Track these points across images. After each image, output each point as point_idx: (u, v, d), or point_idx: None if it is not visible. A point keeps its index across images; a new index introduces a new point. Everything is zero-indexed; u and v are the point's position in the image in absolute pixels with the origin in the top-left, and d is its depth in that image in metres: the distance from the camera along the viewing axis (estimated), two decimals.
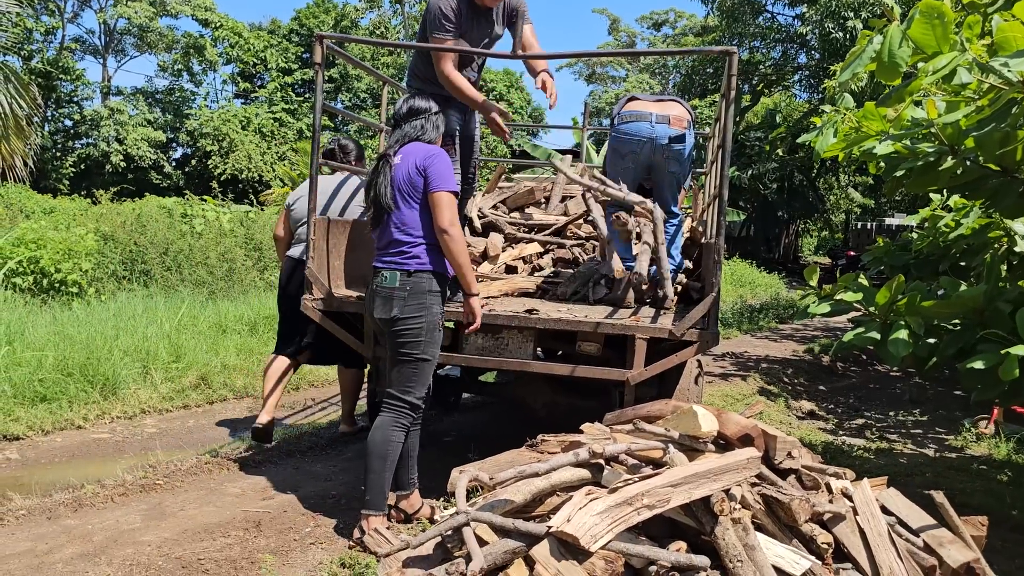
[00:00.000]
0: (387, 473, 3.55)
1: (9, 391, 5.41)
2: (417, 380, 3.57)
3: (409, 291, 3.49)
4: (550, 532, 2.29)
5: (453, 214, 3.48)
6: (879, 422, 7.38)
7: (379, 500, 3.54)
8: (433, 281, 3.53)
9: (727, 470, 2.38)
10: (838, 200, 36.04)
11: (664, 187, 4.72)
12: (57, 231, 9.92)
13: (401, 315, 3.49)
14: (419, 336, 3.50)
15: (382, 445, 3.53)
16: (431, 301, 3.52)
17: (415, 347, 3.52)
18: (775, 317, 14.38)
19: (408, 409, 3.58)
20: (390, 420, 3.56)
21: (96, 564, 3.25)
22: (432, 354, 3.58)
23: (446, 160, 3.57)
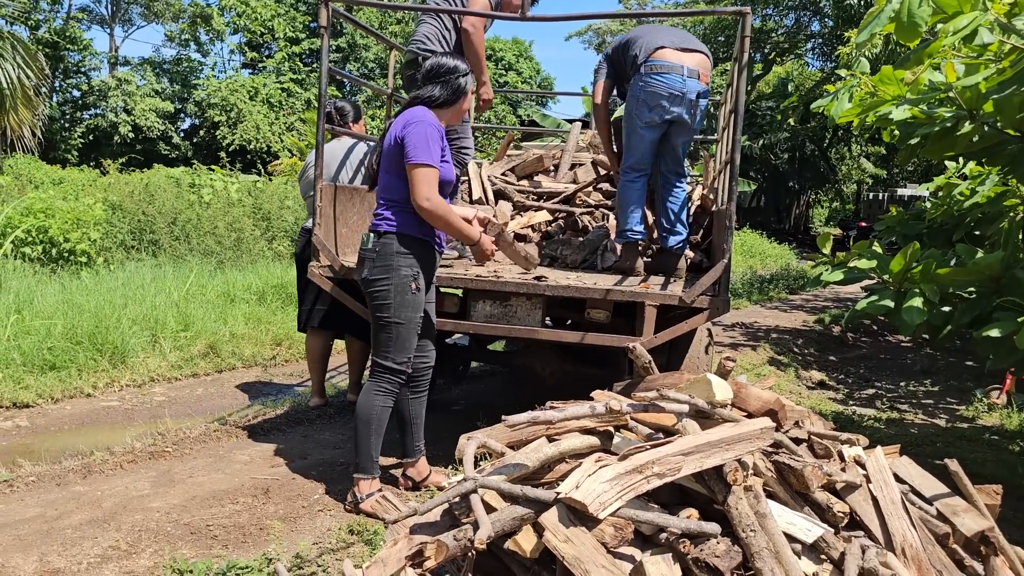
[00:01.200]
0: (372, 437, 3.53)
1: (18, 359, 5.42)
2: (392, 344, 3.50)
3: (378, 252, 3.45)
4: (558, 499, 2.26)
5: (430, 187, 3.35)
6: (890, 392, 7.35)
7: (368, 464, 3.54)
8: (402, 242, 3.44)
9: (740, 439, 2.34)
10: (850, 171, 35.72)
11: (680, 145, 4.59)
12: (65, 201, 9.90)
13: (370, 276, 3.46)
14: (387, 298, 3.44)
15: (366, 409, 3.52)
16: (399, 263, 3.43)
17: (385, 310, 3.46)
18: (785, 287, 14.31)
19: (387, 373, 3.52)
20: (371, 385, 3.54)
21: (105, 530, 3.26)
22: (406, 317, 3.48)
23: (425, 128, 3.38)
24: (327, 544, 3.22)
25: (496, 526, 2.29)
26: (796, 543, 2.36)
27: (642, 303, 3.87)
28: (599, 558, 2.16)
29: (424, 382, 3.76)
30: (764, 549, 2.15)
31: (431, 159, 3.34)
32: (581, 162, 6.23)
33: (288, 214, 12.08)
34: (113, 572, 2.92)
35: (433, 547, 2.27)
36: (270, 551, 3.02)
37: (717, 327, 8.43)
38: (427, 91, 3.54)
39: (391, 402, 3.56)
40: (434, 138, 3.37)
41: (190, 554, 3.09)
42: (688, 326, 3.86)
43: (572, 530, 2.21)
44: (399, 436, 3.80)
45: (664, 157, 4.58)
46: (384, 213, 3.47)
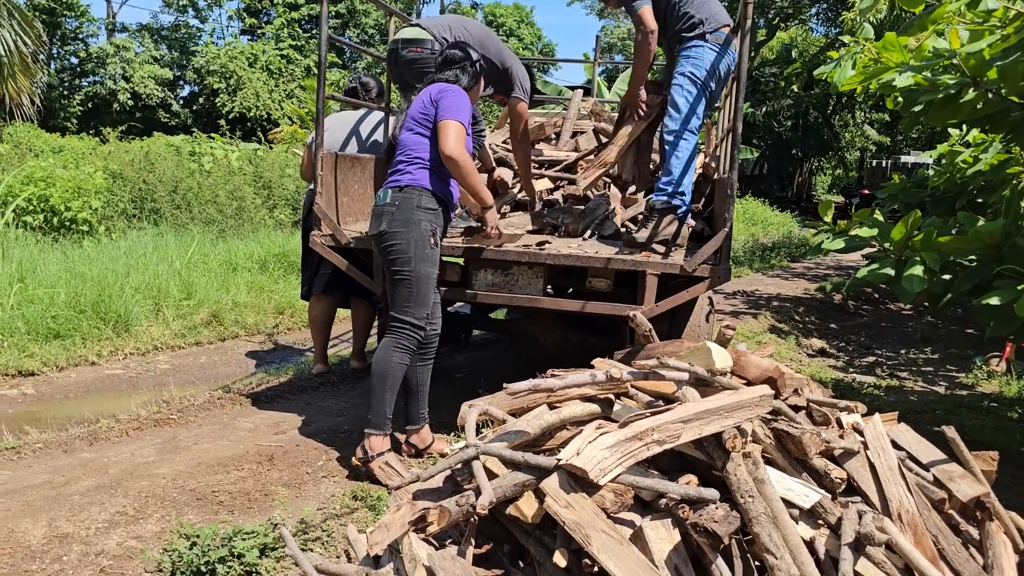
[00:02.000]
0: (387, 393, 3.56)
1: (23, 328, 5.45)
2: (413, 299, 3.54)
3: (398, 206, 3.48)
4: (559, 465, 2.29)
5: (458, 141, 3.43)
6: (890, 360, 7.38)
7: (380, 420, 3.57)
8: (423, 197, 3.50)
9: (739, 407, 2.36)
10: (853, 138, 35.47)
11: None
12: (66, 169, 9.88)
13: (388, 229, 3.48)
14: (406, 252, 3.47)
15: (383, 365, 3.54)
16: (419, 217, 3.48)
17: (405, 263, 3.49)
18: (787, 256, 14.30)
19: (408, 329, 3.55)
20: (391, 341, 3.56)
21: (112, 495, 3.30)
22: (425, 272, 3.53)
23: (462, 96, 3.56)
24: (331, 510, 3.26)
25: (498, 492, 2.32)
26: (794, 508, 2.39)
27: (643, 272, 3.88)
28: (599, 523, 2.19)
29: (432, 348, 3.79)
30: (762, 514, 2.18)
31: (464, 119, 3.48)
32: (583, 130, 6.20)
33: (289, 182, 12.05)
34: (121, 537, 2.96)
35: (436, 512, 2.30)
36: (275, 516, 3.06)
37: (718, 295, 8.44)
38: (450, 75, 3.65)
39: (408, 359, 3.59)
40: (468, 107, 3.53)
41: (196, 519, 3.13)
42: (689, 295, 3.87)
43: (573, 496, 2.24)
44: (403, 403, 3.83)
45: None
46: (406, 168, 3.52)
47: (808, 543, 2.35)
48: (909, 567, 2.30)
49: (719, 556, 2.19)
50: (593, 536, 2.15)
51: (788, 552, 2.16)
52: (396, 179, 3.54)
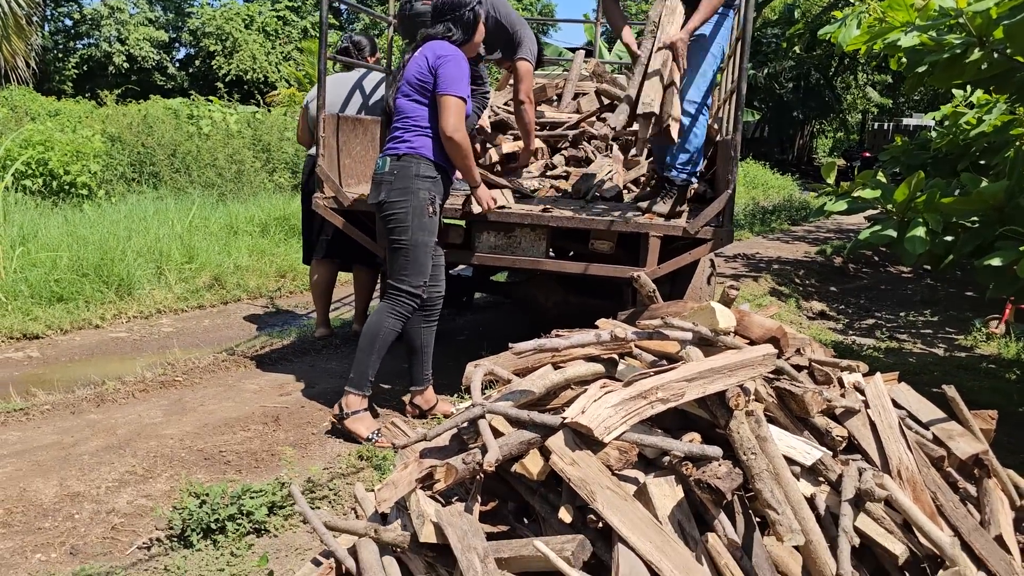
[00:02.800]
0: (373, 356, 3.59)
1: (26, 291, 5.46)
2: (411, 267, 3.55)
3: (396, 175, 3.48)
4: (565, 423, 2.31)
5: (459, 119, 3.43)
6: (889, 322, 7.41)
7: (361, 380, 3.60)
8: (421, 165, 3.49)
9: (743, 365, 2.38)
10: (855, 100, 35.21)
11: None
12: (63, 133, 9.82)
13: (388, 199, 3.49)
14: (405, 221, 3.48)
15: (374, 328, 3.57)
16: (418, 185, 3.48)
17: (403, 232, 3.50)
18: (788, 219, 14.29)
19: (404, 296, 3.57)
20: (386, 306, 3.59)
21: (121, 455, 3.34)
22: (423, 240, 3.53)
23: (460, 63, 3.49)
24: (337, 469, 3.30)
25: (504, 450, 2.35)
26: (795, 465, 2.43)
27: (646, 234, 3.88)
28: (604, 480, 2.22)
29: (436, 311, 3.81)
30: (764, 471, 2.21)
31: (464, 92, 3.44)
32: (584, 91, 6.16)
33: (288, 146, 11.98)
34: (131, 496, 3.01)
35: (443, 470, 2.33)
36: (282, 475, 3.10)
37: (719, 258, 8.45)
38: (441, 30, 3.56)
39: (400, 326, 3.61)
40: (467, 74, 3.48)
41: (205, 478, 3.18)
42: (691, 257, 3.89)
43: (578, 453, 2.27)
44: (408, 365, 3.86)
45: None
46: (404, 136, 3.50)
47: (809, 499, 2.39)
48: (908, 522, 2.34)
49: (722, 511, 2.23)
50: (598, 493, 2.18)
51: (789, 508, 2.20)
52: (395, 147, 3.52)
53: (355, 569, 2.34)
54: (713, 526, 2.24)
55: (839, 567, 2.15)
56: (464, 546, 2.16)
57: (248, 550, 2.69)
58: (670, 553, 2.11)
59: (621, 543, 2.12)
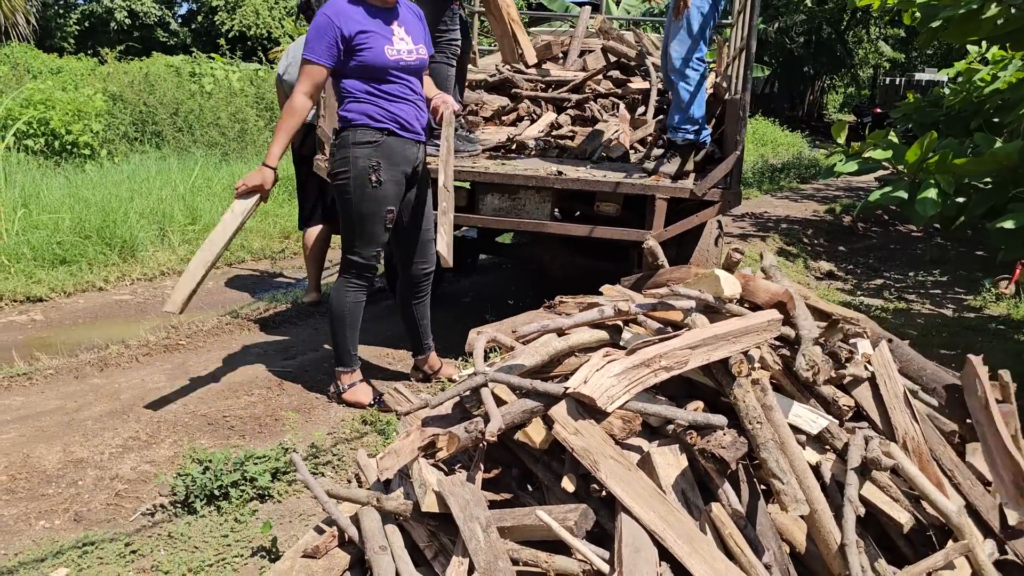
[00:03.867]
0: (348, 331, 3.54)
1: (29, 254, 5.44)
2: (361, 239, 3.44)
3: (337, 145, 3.40)
4: (567, 393, 2.29)
5: (302, 84, 3.31)
6: (898, 282, 7.35)
7: (346, 358, 3.59)
8: (356, 132, 3.34)
9: (747, 332, 2.35)
10: (867, 55, 34.63)
11: None
12: (65, 91, 9.72)
13: (332, 171, 3.43)
14: (347, 192, 3.37)
15: (338, 308, 3.53)
16: (355, 154, 3.34)
17: (347, 204, 3.40)
18: (796, 177, 14.14)
19: (355, 268, 3.49)
20: (342, 282, 3.54)
21: (125, 421, 3.34)
22: (368, 211, 3.38)
23: (315, 23, 3.29)
24: (341, 434, 3.30)
25: (507, 419, 2.33)
26: (801, 434, 2.41)
27: (652, 196, 3.82)
28: (607, 449, 2.20)
29: (425, 286, 3.73)
30: (769, 440, 2.19)
31: (311, 54, 3.28)
32: (591, 49, 6.05)
33: None
34: (134, 461, 3.01)
35: (445, 438, 2.32)
36: (286, 441, 3.10)
37: (727, 218, 8.37)
38: None
39: (363, 296, 3.56)
40: (321, 31, 3.26)
41: (208, 444, 3.18)
42: (699, 219, 3.83)
43: (581, 423, 2.25)
44: (408, 336, 3.84)
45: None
46: (341, 108, 3.42)
47: (814, 468, 2.37)
48: (914, 492, 2.32)
49: (726, 481, 2.21)
50: (601, 462, 2.16)
51: (794, 477, 2.18)
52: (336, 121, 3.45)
53: (357, 537, 2.35)
54: (717, 495, 2.22)
55: (843, 536, 2.14)
56: (466, 515, 2.15)
57: (252, 516, 2.69)
58: (674, 523, 2.10)
59: (624, 513, 2.11)
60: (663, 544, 2.06)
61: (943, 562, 2.17)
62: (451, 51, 4.27)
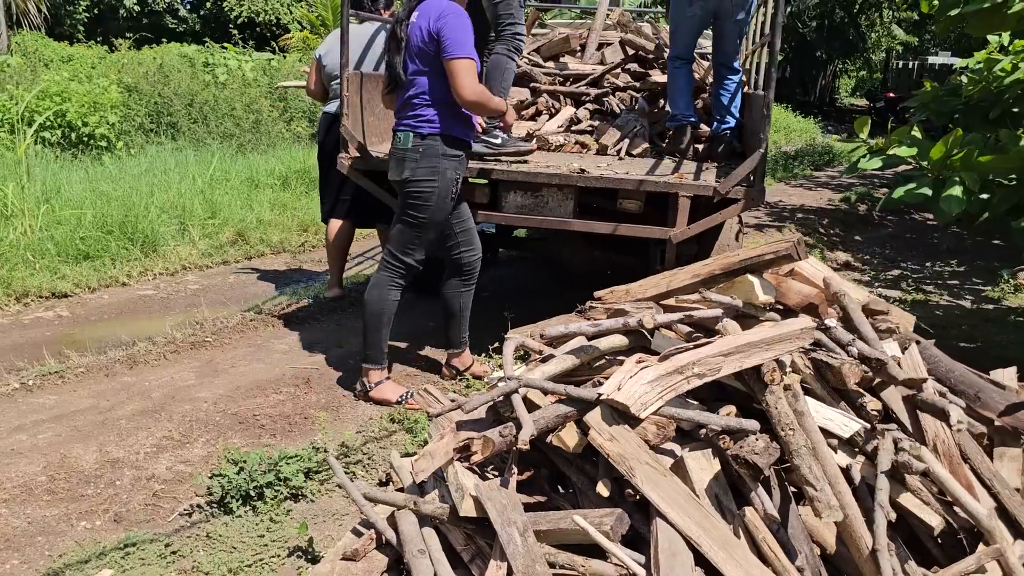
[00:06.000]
0: (384, 330, 3.60)
1: (53, 249, 5.49)
2: (418, 243, 3.56)
3: (421, 153, 3.41)
4: (601, 400, 2.32)
5: (472, 80, 3.30)
6: (915, 273, 7.34)
7: (377, 355, 3.62)
8: (446, 144, 3.42)
9: (780, 339, 2.36)
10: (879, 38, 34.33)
11: (728, 37, 4.50)
12: (79, 82, 9.75)
13: (413, 177, 3.43)
14: (429, 200, 3.44)
15: (378, 304, 3.57)
16: (445, 166, 3.42)
17: (423, 211, 3.47)
18: (811, 164, 14.07)
19: (404, 269, 3.59)
20: (387, 279, 3.59)
21: (158, 420, 3.39)
22: (440, 220, 3.53)
23: (460, 20, 3.31)
24: (370, 433, 3.34)
25: (539, 424, 2.36)
26: (832, 438, 2.43)
27: (676, 194, 3.83)
28: (642, 455, 2.23)
29: (474, 274, 3.82)
30: (803, 447, 2.21)
31: (471, 52, 3.30)
32: (609, 42, 6.03)
33: (305, 94, 11.84)
34: (170, 461, 3.06)
35: (480, 442, 2.35)
36: (317, 440, 3.14)
37: None
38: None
39: (400, 295, 3.63)
40: (469, 28, 3.32)
41: (240, 443, 3.22)
42: (722, 217, 3.84)
43: (616, 428, 2.28)
44: (444, 327, 3.87)
45: (715, 48, 4.59)
46: (425, 113, 3.40)
47: (844, 471, 2.39)
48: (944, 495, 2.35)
49: (759, 485, 2.24)
50: (637, 468, 2.20)
51: (827, 483, 2.20)
52: (416, 125, 3.41)
53: (395, 540, 2.39)
54: (750, 500, 2.25)
55: (875, 541, 2.16)
56: (504, 520, 2.19)
57: (287, 516, 2.74)
58: (709, 528, 2.13)
59: (660, 518, 2.14)
60: (699, 549, 2.09)
61: (974, 566, 2.19)
62: (514, 44, 4.07)
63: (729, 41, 4.50)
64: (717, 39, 4.57)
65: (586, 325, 2.62)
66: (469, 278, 3.80)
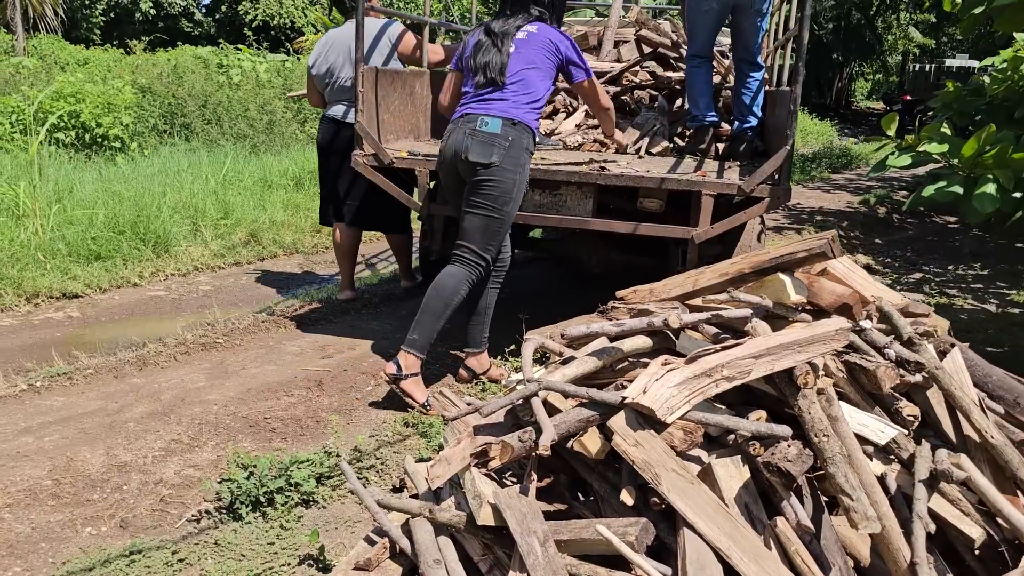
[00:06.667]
0: (442, 321, 3.50)
1: (64, 249, 5.44)
2: (498, 237, 3.55)
3: (511, 142, 3.42)
4: (625, 403, 2.22)
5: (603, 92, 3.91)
6: (938, 276, 7.19)
7: (424, 342, 3.48)
8: (530, 140, 3.51)
9: (814, 341, 2.26)
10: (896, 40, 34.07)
11: (748, 32, 4.38)
12: (94, 84, 9.74)
13: (500, 163, 3.41)
14: (509, 192, 3.45)
15: (451, 293, 3.48)
16: (525, 159, 3.49)
17: (504, 203, 3.45)
18: (828, 167, 13.91)
19: (484, 266, 3.55)
20: (465, 273, 3.51)
21: (166, 423, 3.31)
22: (513, 214, 3.54)
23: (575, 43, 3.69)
24: (384, 437, 3.25)
25: (560, 429, 2.27)
26: (867, 445, 2.32)
27: (698, 192, 3.73)
28: (669, 462, 2.13)
29: (504, 273, 3.79)
30: (837, 454, 2.11)
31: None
32: (625, 39, 5.93)
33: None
34: (178, 466, 2.98)
35: (498, 448, 2.26)
36: (329, 444, 3.06)
37: None
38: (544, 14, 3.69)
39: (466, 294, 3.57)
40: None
41: (250, 447, 3.14)
42: (747, 216, 3.73)
43: (641, 434, 2.18)
44: (465, 325, 3.77)
45: (734, 44, 4.49)
46: (521, 103, 3.48)
47: (879, 479, 2.28)
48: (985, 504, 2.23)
49: (792, 495, 2.13)
50: (663, 475, 2.10)
51: (864, 493, 2.10)
52: (509, 111, 3.45)
53: (410, 549, 2.29)
54: (781, 509, 2.15)
55: (914, 554, 2.05)
56: (523, 529, 2.09)
57: (297, 523, 2.65)
58: (738, 539, 2.02)
59: (687, 528, 2.04)
60: (728, 561, 1.99)
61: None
62: None
63: (749, 36, 4.38)
64: (736, 35, 4.46)
65: (609, 325, 2.52)
66: (499, 275, 3.74)
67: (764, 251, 2.56)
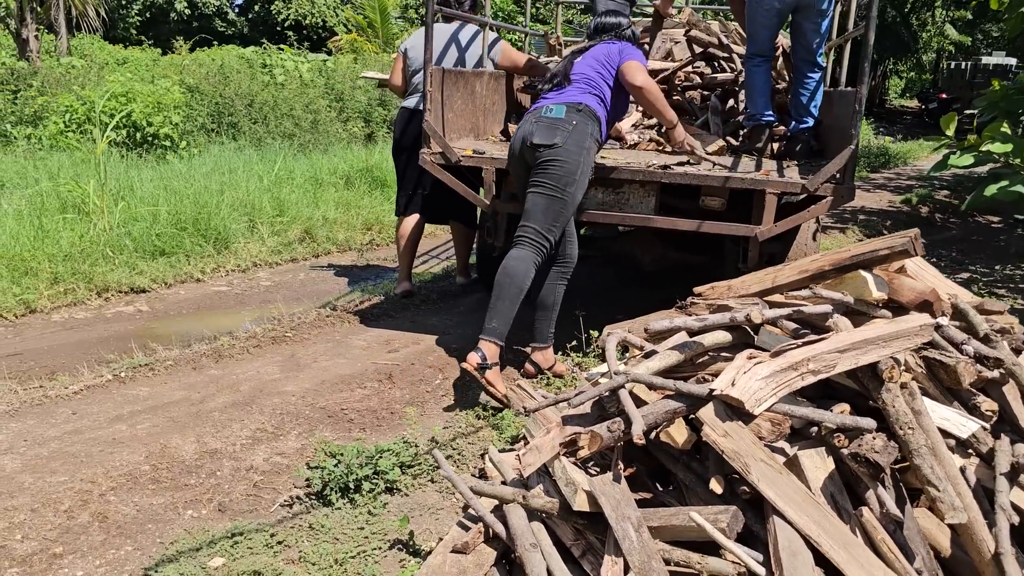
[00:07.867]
0: (517, 306, 3.55)
1: (130, 245, 5.60)
2: (561, 219, 3.63)
3: (575, 126, 3.55)
4: (714, 395, 2.30)
5: (645, 74, 3.70)
6: (985, 276, 7.17)
7: (503, 329, 3.51)
8: (596, 128, 3.63)
9: (898, 336, 2.32)
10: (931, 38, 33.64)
11: (809, 33, 4.41)
12: (142, 83, 9.95)
13: (563, 144, 3.52)
14: (573, 173, 3.54)
15: (523, 277, 3.54)
16: (589, 145, 3.60)
17: (569, 184, 3.55)
18: (867, 166, 13.84)
19: (548, 247, 3.63)
20: (529, 255, 3.58)
21: (249, 412, 3.44)
22: (578, 198, 3.64)
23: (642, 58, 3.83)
24: (458, 428, 3.35)
25: (647, 419, 2.34)
26: (948, 438, 2.38)
27: (761, 191, 3.79)
28: (758, 452, 2.21)
29: (572, 267, 3.86)
30: (923, 447, 2.17)
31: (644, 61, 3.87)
32: (676, 40, 5.99)
33: (360, 94, 11.98)
34: (266, 453, 3.10)
35: (587, 437, 2.34)
36: (407, 434, 3.16)
37: None
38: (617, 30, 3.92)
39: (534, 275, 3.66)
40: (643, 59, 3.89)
41: (331, 436, 3.25)
42: (810, 215, 3.78)
43: (730, 425, 2.26)
44: (533, 320, 3.83)
45: (794, 45, 4.52)
46: (585, 93, 3.67)
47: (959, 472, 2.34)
48: None
49: (879, 485, 2.20)
50: (752, 465, 2.17)
51: (949, 483, 2.16)
52: (575, 98, 3.63)
53: (504, 534, 2.39)
54: (867, 499, 2.21)
55: (999, 545, 2.11)
56: (618, 515, 2.18)
57: (383, 509, 2.75)
58: (828, 528, 2.09)
59: (777, 516, 2.11)
60: (818, 548, 2.06)
61: None
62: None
63: (810, 36, 4.42)
64: (797, 34, 4.49)
65: (691, 320, 2.60)
66: (566, 271, 3.82)
67: (845, 249, 2.62)
